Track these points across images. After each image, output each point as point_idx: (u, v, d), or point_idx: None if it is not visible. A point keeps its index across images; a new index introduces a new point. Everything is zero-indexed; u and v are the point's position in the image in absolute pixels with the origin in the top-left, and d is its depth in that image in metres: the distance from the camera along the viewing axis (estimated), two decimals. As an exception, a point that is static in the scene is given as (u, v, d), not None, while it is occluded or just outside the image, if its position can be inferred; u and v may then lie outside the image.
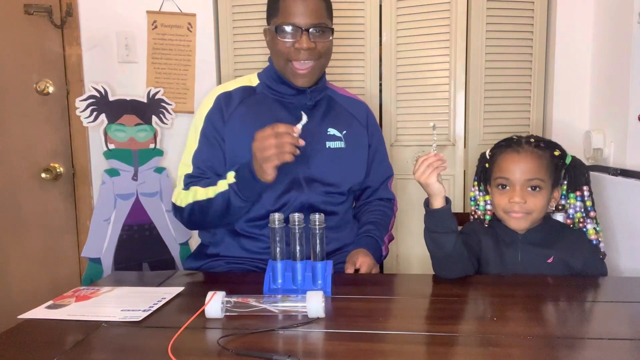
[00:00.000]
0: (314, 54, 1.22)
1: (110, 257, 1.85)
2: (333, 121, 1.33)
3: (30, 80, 1.86)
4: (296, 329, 0.84)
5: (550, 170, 1.16)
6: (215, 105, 1.29)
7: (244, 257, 1.27)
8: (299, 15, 1.18)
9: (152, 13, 1.86)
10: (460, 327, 0.85)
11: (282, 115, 1.27)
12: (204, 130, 1.27)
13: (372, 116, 1.42)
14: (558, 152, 1.18)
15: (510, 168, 1.15)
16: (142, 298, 1.00)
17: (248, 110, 1.28)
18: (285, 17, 1.19)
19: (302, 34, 1.19)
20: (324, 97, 1.35)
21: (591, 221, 1.21)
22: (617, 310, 0.94)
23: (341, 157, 1.31)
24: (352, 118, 1.36)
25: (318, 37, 1.21)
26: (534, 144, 1.17)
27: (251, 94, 1.31)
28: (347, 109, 1.37)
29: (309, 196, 1.26)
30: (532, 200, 1.14)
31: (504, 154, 1.18)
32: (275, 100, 1.30)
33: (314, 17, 1.19)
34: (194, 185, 1.24)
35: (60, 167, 1.91)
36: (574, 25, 1.76)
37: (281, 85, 1.29)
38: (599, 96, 1.71)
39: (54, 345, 0.80)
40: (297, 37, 1.20)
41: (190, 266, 1.34)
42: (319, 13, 1.20)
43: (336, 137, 1.31)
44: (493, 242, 1.21)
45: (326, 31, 1.22)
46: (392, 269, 1.92)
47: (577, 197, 1.22)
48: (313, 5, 1.19)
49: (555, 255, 1.16)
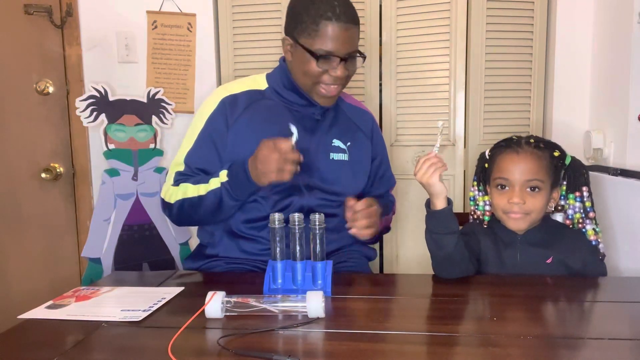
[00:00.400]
0: (344, 80, 1.22)
1: (110, 257, 1.85)
2: (338, 132, 1.31)
3: (30, 80, 1.86)
4: (296, 329, 0.84)
5: (550, 171, 1.16)
6: (218, 109, 1.26)
7: (243, 259, 1.27)
8: (340, 43, 1.15)
9: (152, 13, 1.86)
10: (460, 327, 0.85)
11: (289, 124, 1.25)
12: (202, 132, 1.25)
13: (376, 127, 1.42)
14: (558, 153, 1.18)
15: (510, 168, 1.15)
16: (142, 298, 1.00)
17: (255, 116, 1.25)
18: (324, 43, 1.15)
19: (339, 62, 1.17)
20: (331, 106, 1.32)
21: (590, 222, 1.21)
22: (617, 310, 0.94)
23: (343, 169, 1.30)
24: (357, 129, 1.35)
25: (351, 65, 1.21)
26: (534, 144, 1.17)
27: (259, 98, 1.28)
28: (352, 120, 1.36)
29: (309, 200, 1.26)
30: (531, 200, 1.14)
31: (504, 154, 1.18)
32: (284, 108, 1.28)
33: (352, 46, 1.18)
34: (184, 182, 1.23)
35: (60, 167, 1.91)
36: (574, 25, 1.76)
37: (292, 93, 1.27)
38: (599, 96, 1.71)
39: (54, 345, 0.80)
40: (334, 65, 1.18)
41: (189, 267, 1.34)
42: (355, 41, 1.19)
43: (340, 149, 1.30)
44: (492, 242, 1.20)
45: (359, 59, 1.22)
46: (392, 269, 1.92)
47: (577, 197, 1.21)
48: (352, 34, 1.17)
49: (554, 255, 1.16)
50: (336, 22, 1.13)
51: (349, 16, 1.15)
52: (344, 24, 1.14)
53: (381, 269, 1.93)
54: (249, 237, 1.26)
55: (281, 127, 1.18)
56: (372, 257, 1.41)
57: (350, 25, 1.16)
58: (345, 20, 1.14)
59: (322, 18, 1.14)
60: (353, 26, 1.17)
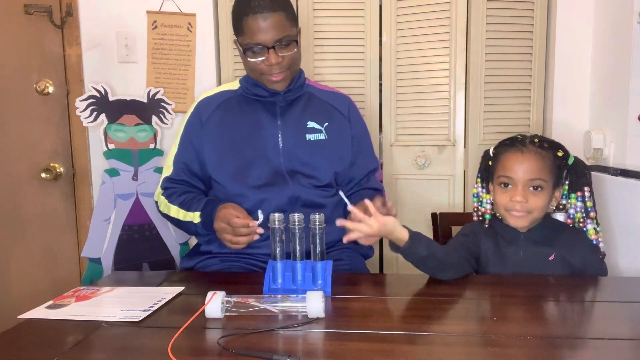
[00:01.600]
0: (283, 66, 1.26)
1: (110, 257, 1.85)
2: (313, 114, 1.36)
3: (30, 80, 1.86)
4: (296, 329, 0.84)
5: (553, 170, 1.17)
6: (195, 112, 1.38)
7: (237, 253, 1.28)
8: (262, 33, 1.21)
9: (152, 13, 1.86)
10: (460, 327, 0.85)
11: (259, 114, 1.34)
12: (183, 135, 1.38)
13: (354, 107, 1.44)
14: (561, 153, 1.19)
15: (514, 167, 1.16)
16: (142, 298, 1.00)
17: (225, 114, 1.35)
18: (249, 37, 1.23)
19: (268, 51, 1.23)
20: (303, 94, 1.38)
21: (591, 221, 1.21)
22: (617, 310, 0.94)
23: (323, 148, 1.34)
24: (333, 110, 1.39)
25: (284, 50, 1.25)
26: (538, 144, 1.17)
27: (230, 97, 1.38)
28: (327, 102, 1.40)
29: (294, 189, 1.28)
30: (533, 199, 1.15)
31: (508, 152, 1.19)
32: (255, 100, 1.35)
33: (277, 32, 1.22)
34: (170, 197, 1.34)
35: (60, 167, 1.91)
36: (574, 25, 1.76)
37: (258, 87, 1.34)
38: (599, 96, 1.71)
39: (54, 345, 0.80)
40: (265, 54, 1.23)
41: (185, 265, 1.36)
42: (281, 26, 1.22)
43: (316, 130, 1.34)
44: (494, 240, 1.21)
45: (291, 43, 1.25)
46: (392, 269, 1.92)
47: (578, 197, 1.21)
48: (273, 21, 1.21)
49: (556, 253, 1.17)
50: (253, 15, 1.20)
51: (265, 6, 1.20)
52: (260, 14, 1.19)
53: (381, 269, 1.92)
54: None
55: (252, 118, 1.33)
56: (369, 255, 1.41)
57: (268, 14, 1.20)
58: (261, 11, 1.19)
59: (243, 15, 1.22)
60: (272, 13, 1.20)
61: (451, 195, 1.85)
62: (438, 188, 1.87)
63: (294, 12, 1.29)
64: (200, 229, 1.27)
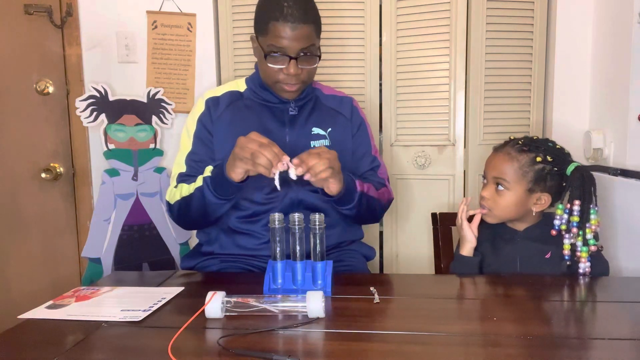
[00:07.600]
0: (300, 78, 1.24)
1: (110, 257, 1.85)
2: (317, 120, 1.34)
3: (30, 80, 1.86)
4: (296, 329, 0.84)
5: (526, 174, 1.18)
6: (206, 109, 1.33)
7: (238, 255, 1.28)
8: (288, 41, 1.19)
9: (152, 13, 1.86)
10: (460, 327, 0.85)
11: (267, 120, 1.31)
12: (197, 132, 1.31)
13: (356, 108, 1.43)
14: (540, 158, 1.17)
15: (487, 165, 1.25)
16: (142, 298, 1.00)
17: (234, 115, 1.31)
18: (274, 40, 1.19)
19: (290, 60, 1.20)
20: (310, 98, 1.37)
21: (570, 236, 1.14)
22: (617, 310, 0.94)
23: None
24: (336, 114, 1.38)
25: (305, 62, 1.23)
26: (518, 146, 1.20)
27: (238, 98, 1.35)
28: (331, 107, 1.39)
29: (298, 192, 1.28)
30: (495, 198, 1.21)
31: (492, 152, 1.26)
32: (262, 106, 1.33)
33: (303, 44, 1.20)
34: (183, 183, 1.26)
35: (60, 167, 1.91)
36: (574, 25, 1.76)
37: (267, 92, 1.32)
38: (599, 96, 1.71)
39: (54, 345, 0.80)
40: (285, 63, 1.21)
41: (186, 265, 1.36)
42: (307, 39, 1.20)
43: (320, 136, 1.33)
44: (492, 238, 1.24)
45: (313, 57, 1.24)
46: (392, 269, 1.92)
47: (566, 209, 1.15)
48: (302, 32, 1.19)
49: (553, 250, 1.18)
50: (283, 22, 1.17)
51: (297, 16, 1.17)
52: (291, 23, 1.17)
53: (381, 269, 1.92)
54: (244, 232, 1.28)
55: (259, 123, 1.29)
56: (371, 257, 1.41)
57: (298, 25, 1.18)
58: (293, 20, 1.17)
59: (271, 18, 1.18)
60: (302, 25, 1.18)
61: (451, 195, 1.85)
62: (438, 188, 1.87)
63: (321, 26, 1.27)
64: (209, 187, 1.16)
